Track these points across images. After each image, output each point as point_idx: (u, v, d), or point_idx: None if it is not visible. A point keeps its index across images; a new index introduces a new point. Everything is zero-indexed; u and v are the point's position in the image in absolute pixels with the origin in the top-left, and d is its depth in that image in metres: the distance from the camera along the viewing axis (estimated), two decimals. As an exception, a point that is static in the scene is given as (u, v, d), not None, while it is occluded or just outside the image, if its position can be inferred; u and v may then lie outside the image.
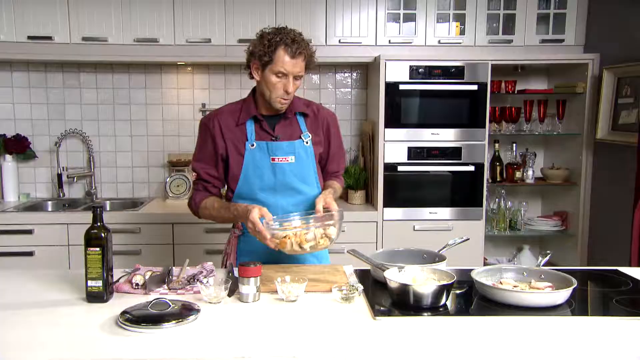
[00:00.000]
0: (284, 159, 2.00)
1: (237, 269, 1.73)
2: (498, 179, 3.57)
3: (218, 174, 2.07)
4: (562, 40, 3.46)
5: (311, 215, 1.83)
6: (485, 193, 3.36)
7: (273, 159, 2.00)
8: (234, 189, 2.05)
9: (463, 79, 3.26)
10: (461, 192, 3.36)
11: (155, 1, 3.29)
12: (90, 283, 1.62)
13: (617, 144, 3.13)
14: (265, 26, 3.24)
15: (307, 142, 2.05)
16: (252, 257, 2.00)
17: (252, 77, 2.03)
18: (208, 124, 2.04)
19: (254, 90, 2.09)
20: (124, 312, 1.49)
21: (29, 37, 3.26)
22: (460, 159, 3.31)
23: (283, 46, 1.89)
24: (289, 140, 2.02)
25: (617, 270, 2.03)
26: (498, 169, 3.57)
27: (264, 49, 1.90)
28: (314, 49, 1.99)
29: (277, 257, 2.00)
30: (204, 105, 3.73)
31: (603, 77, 3.23)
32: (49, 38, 3.26)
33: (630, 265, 2.69)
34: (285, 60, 1.89)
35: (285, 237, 1.78)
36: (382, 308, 1.62)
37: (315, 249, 1.81)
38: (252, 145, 2.00)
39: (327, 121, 2.13)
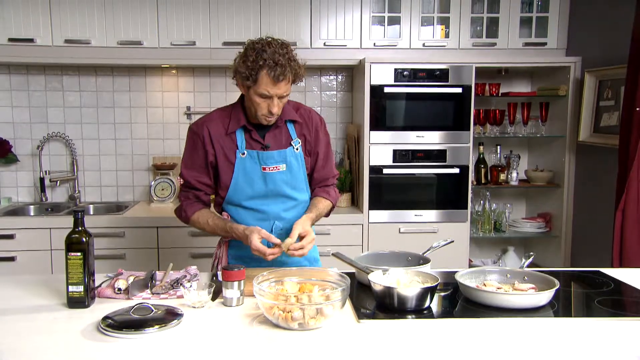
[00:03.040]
0: (275, 168, 1.98)
1: (221, 272, 1.72)
2: (483, 181, 3.60)
3: (210, 181, 2.04)
4: (545, 44, 3.49)
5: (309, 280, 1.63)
6: (470, 195, 3.38)
7: (264, 168, 1.97)
8: (223, 197, 2.04)
9: (447, 81, 3.28)
10: (446, 195, 3.38)
11: (139, 3, 3.27)
12: (71, 288, 1.60)
13: (599, 146, 3.17)
14: (249, 29, 3.32)
15: (297, 149, 2.02)
16: (244, 260, 2.01)
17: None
18: (198, 131, 2.00)
19: (242, 97, 2.02)
20: (105, 318, 1.47)
21: (10, 40, 3.21)
22: (445, 162, 3.32)
23: (266, 69, 1.80)
24: (279, 149, 1.99)
25: (599, 271, 2.06)
26: (482, 171, 3.59)
27: (247, 71, 1.82)
28: (301, 64, 1.89)
29: (268, 262, 1.98)
30: (188, 108, 3.71)
31: (585, 80, 3.27)
32: (31, 40, 3.22)
33: (612, 266, 2.72)
34: (268, 84, 1.82)
35: (273, 301, 1.49)
36: (366, 311, 1.62)
37: (305, 327, 1.47)
38: (243, 154, 1.97)
39: (316, 126, 2.08)
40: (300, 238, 1.88)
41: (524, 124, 3.61)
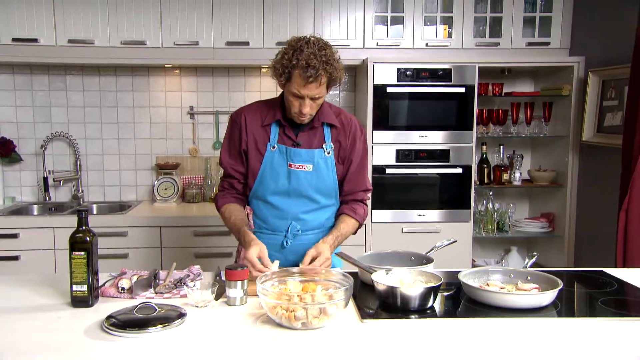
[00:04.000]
0: (301, 167, 1.97)
1: (224, 272, 1.72)
2: (486, 181, 3.59)
3: (244, 169, 2.05)
4: (548, 43, 3.49)
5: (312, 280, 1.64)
6: (473, 195, 3.37)
7: (290, 165, 1.97)
8: (251, 187, 2.04)
9: (450, 81, 3.27)
10: (449, 194, 3.38)
11: (142, 3, 3.28)
12: (75, 287, 1.61)
13: (603, 146, 3.17)
14: (252, 29, 3.33)
15: (328, 153, 2.00)
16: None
17: None
18: (237, 118, 2.03)
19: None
20: (109, 317, 1.47)
21: (14, 39, 3.22)
22: (448, 161, 3.32)
23: (298, 70, 1.80)
24: (309, 148, 1.98)
25: (602, 271, 2.05)
26: (485, 171, 3.59)
27: (281, 68, 1.84)
28: (340, 67, 1.87)
29: (284, 258, 2.00)
30: (191, 108, 3.72)
31: (588, 80, 3.26)
32: (35, 40, 3.23)
33: (615, 266, 2.72)
34: (299, 84, 1.82)
35: (277, 301, 1.50)
36: (369, 310, 1.62)
37: (308, 327, 1.47)
38: (273, 147, 1.98)
39: (354, 134, 2.05)
40: (313, 259, 1.85)
41: (527, 123, 3.60)
